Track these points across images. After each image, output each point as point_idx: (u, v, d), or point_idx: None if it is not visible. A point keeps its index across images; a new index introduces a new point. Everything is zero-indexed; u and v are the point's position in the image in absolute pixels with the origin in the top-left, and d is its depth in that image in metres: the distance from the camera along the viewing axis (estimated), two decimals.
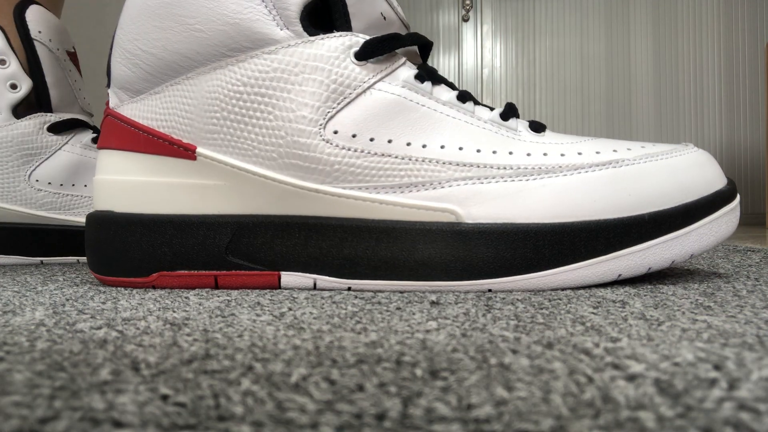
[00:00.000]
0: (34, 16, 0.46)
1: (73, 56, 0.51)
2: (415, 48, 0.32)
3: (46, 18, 0.47)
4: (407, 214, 0.28)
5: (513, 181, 0.28)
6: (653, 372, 0.14)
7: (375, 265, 0.28)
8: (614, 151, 0.29)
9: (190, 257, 0.29)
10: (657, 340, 0.17)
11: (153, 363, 0.15)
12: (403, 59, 0.30)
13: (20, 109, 0.47)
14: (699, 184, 0.28)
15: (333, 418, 0.11)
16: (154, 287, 0.30)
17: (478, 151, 0.28)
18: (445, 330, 0.19)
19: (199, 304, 0.25)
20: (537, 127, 0.30)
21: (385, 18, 0.31)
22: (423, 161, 0.28)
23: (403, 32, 0.32)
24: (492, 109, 0.31)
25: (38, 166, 0.46)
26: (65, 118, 0.47)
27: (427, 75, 0.30)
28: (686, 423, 0.11)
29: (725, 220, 0.29)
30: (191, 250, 0.29)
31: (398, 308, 0.23)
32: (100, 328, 0.20)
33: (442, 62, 1.95)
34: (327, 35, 0.28)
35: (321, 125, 0.28)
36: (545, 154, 0.28)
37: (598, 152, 0.29)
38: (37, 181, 0.46)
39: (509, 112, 0.30)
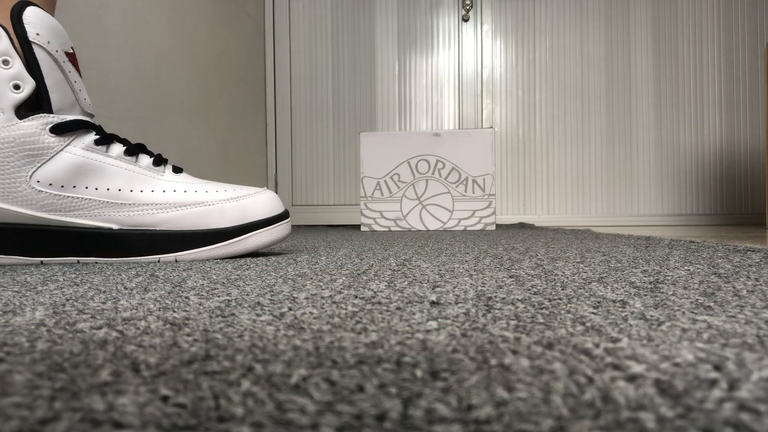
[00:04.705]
0: (32, 18, 0.45)
1: (72, 57, 0.50)
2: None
3: (44, 19, 0.46)
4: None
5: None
6: (653, 372, 0.14)
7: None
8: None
9: None
10: (657, 340, 0.17)
11: (153, 364, 0.15)
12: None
13: (23, 110, 0.46)
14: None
15: (333, 419, 0.11)
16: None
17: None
18: (445, 330, 0.19)
19: (199, 304, 0.25)
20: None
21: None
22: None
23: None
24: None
25: (40, 167, 0.46)
26: (68, 120, 0.47)
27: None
28: (686, 423, 0.11)
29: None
30: None
31: (398, 308, 0.23)
32: (100, 328, 0.20)
33: (441, 62, 1.95)
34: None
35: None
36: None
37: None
38: (38, 182, 0.46)
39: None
